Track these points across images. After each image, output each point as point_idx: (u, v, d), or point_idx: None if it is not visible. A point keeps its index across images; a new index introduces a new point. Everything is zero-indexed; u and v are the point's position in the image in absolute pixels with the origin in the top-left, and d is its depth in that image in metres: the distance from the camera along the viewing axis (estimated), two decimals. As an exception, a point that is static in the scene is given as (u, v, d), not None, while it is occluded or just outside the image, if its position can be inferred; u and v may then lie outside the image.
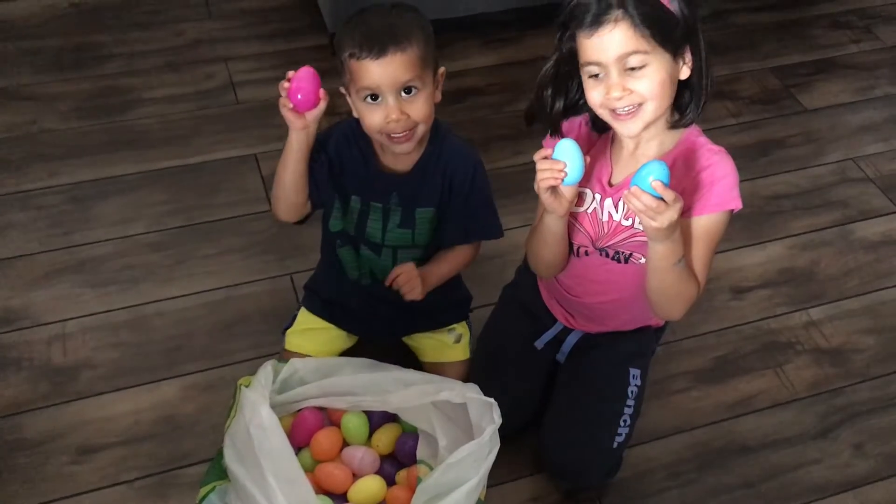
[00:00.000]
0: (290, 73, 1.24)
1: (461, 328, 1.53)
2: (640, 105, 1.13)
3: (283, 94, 1.24)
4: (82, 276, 1.74)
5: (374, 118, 1.25)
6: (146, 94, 2.18)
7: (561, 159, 1.14)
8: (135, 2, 2.49)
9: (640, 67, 1.12)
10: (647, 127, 1.17)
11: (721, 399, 1.60)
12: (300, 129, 1.26)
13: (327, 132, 1.34)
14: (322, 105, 1.24)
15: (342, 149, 1.35)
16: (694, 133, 1.22)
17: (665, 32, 1.11)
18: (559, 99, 1.22)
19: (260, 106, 2.14)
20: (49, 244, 1.79)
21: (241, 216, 1.87)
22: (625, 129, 1.17)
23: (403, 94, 1.24)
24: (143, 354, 1.61)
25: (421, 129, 1.28)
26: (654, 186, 1.07)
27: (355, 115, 1.30)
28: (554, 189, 1.17)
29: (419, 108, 1.25)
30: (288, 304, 1.65)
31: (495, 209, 1.41)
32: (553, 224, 1.24)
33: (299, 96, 1.23)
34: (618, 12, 1.10)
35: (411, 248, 1.39)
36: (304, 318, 1.52)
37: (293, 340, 1.50)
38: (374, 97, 1.24)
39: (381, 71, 1.21)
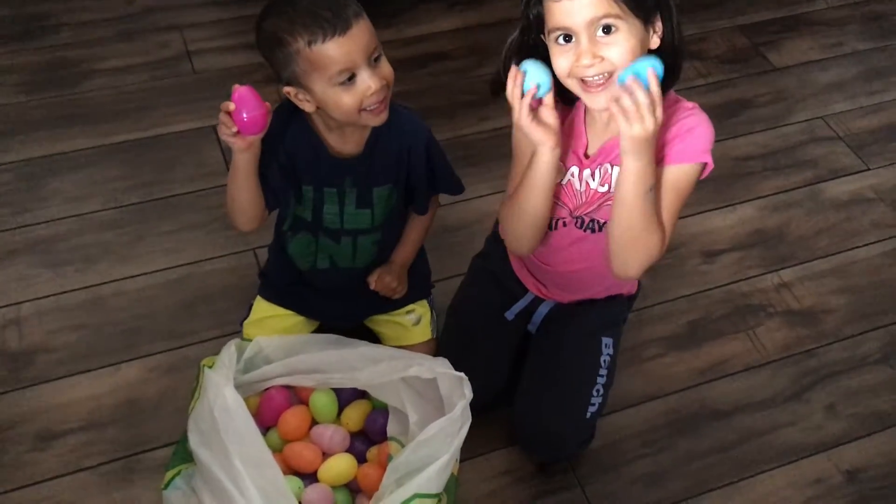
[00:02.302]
0: (229, 105, 1.14)
1: (420, 308, 1.49)
2: (610, 74, 1.09)
3: (226, 119, 1.14)
4: (36, 257, 1.68)
5: (351, 99, 1.16)
6: (98, 65, 2.11)
7: (529, 80, 1.12)
8: (83, -32, 2.40)
9: (611, 33, 1.07)
10: None
11: (693, 364, 1.59)
12: (245, 150, 1.18)
13: (271, 131, 1.21)
14: (268, 121, 1.17)
15: (292, 145, 1.27)
16: (671, 98, 1.18)
17: None
18: None
19: (217, 75, 2.07)
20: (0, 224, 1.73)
21: (201, 191, 1.82)
22: (594, 101, 1.12)
23: (374, 62, 1.18)
24: (102, 336, 1.56)
25: (389, 94, 1.22)
26: (650, 76, 1.04)
27: (309, 108, 1.20)
28: (536, 117, 1.13)
29: (389, 71, 1.20)
30: (252, 279, 1.60)
31: (452, 168, 1.38)
32: (543, 168, 1.16)
33: (245, 117, 1.13)
34: None
35: (370, 232, 1.35)
36: (261, 306, 1.47)
37: (251, 331, 1.45)
38: (351, 77, 1.16)
39: (352, 46, 1.13)
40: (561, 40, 1.10)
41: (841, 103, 2.13)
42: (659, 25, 1.12)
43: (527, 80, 1.12)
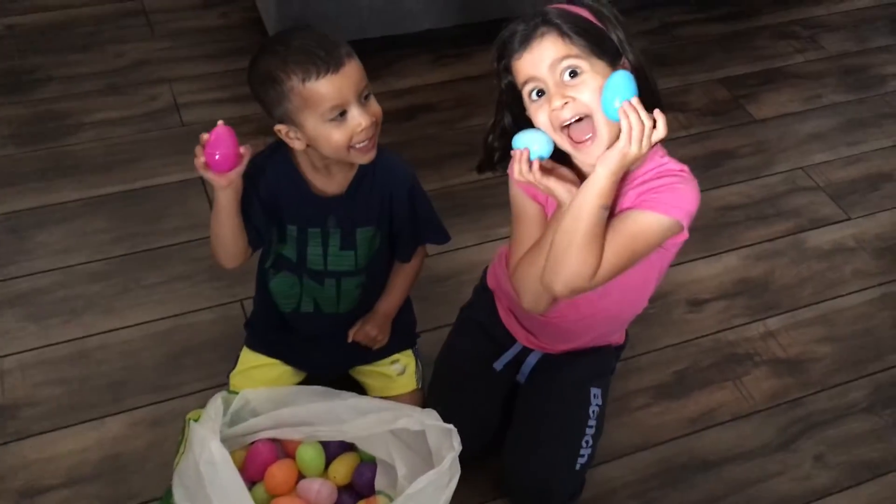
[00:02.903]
0: (204, 136, 1.18)
1: (405, 359, 1.49)
2: (588, 118, 1.11)
3: (199, 151, 1.18)
4: (21, 310, 1.66)
5: (342, 135, 1.18)
6: (86, 118, 2.12)
7: (523, 145, 1.14)
8: (72, 23, 2.43)
9: (576, 75, 1.09)
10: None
11: (682, 414, 1.58)
12: (225, 187, 1.20)
13: (255, 170, 1.25)
14: (245, 161, 1.19)
15: (274, 183, 1.29)
16: (658, 153, 1.19)
17: (595, 41, 1.10)
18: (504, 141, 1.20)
19: (206, 128, 2.01)
20: (-15, 277, 1.72)
21: (188, 242, 1.82)
22: (586, 156, 1.13)
23: (364, 100, 1.20)
24: (86, 390, 1.54)
25: (377, 132, 1.24)
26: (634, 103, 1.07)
27: (299, 146, 1.22)
28: (556, 176, 1.14)
29: (378, 109, 1.22)
30: (238, 331, 1.59)
31: (438, 216, 1.40)
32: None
33: (217, 157, 1.17)
34: (543, 27, 1.11)
35: (354, 275, 1.36)
36: (247, 357, 1.47)
37: (238, 382, 1.44)
38: (343, 113, 1.18)
39: (344, 83, 1.16)
40: (534, 96, 1.12)
41: (821, 154, 2.17)
42: (625, 61, 1.13)
43: (525, 146, 1.14)
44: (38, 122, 2.10)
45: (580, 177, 1.17)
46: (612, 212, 1.14)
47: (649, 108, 1.08)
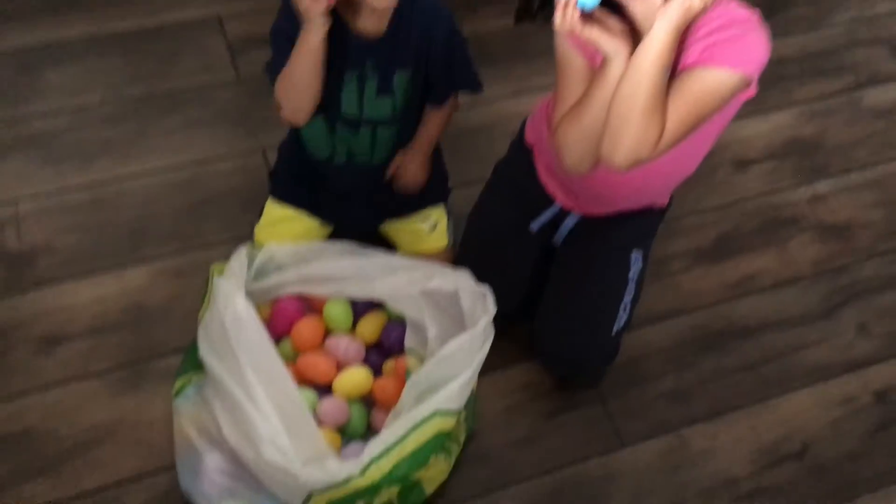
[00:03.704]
0: None
1: (437, 214, 1.42)
2: None
3: None
4: (35, 152, 1.59)
5: None
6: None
7: None
8: None
9: None
10: None
11: (722, 278, 1.52)
12: (322, 17, 1.11)
13: (295, 12, 1.16)
14: None
15: None
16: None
17: None
18: None
19: None
20: (-5, 117, 1.64)
21: (206, 85, 1.72)
22: (643, 5, 1.00)
23: None
24: (105, 238, 1.49)
25: None
26: None
27: None
28: (603, 27, 1.01)
29: None
30: (260, 181, 1.52)
31: (474, 63, 1.31)
32: (616, 80, 1.03)
33: None
34: None
35: (390, 124, 1.28)
36: (272, 209, 1.40)
37: (263, 235, 1.38)
38: None
39: None
40: None
41: (882, 3, 2.00)
42: None
43: None
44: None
45: (634, 32, 1.04)
46: (673, 70, 1.02)
47: None
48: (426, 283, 1.22)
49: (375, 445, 1.10)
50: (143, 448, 1.28)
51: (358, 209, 1.39)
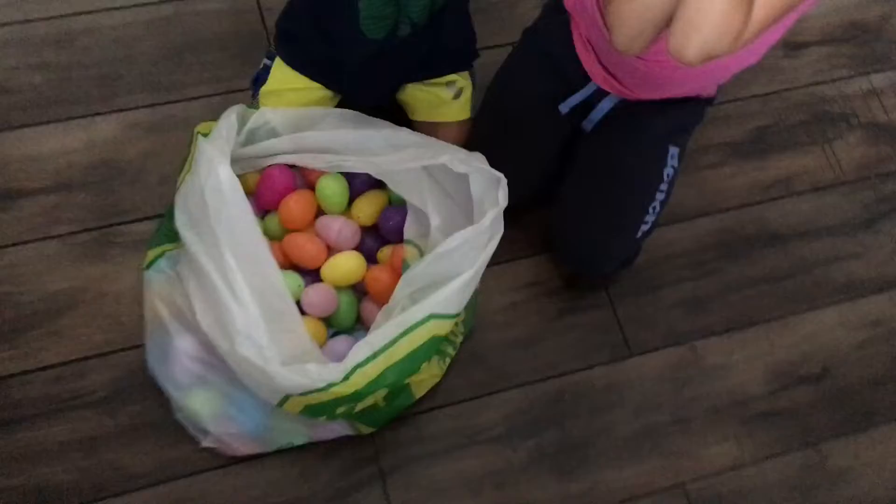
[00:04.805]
0: None
1: (462, 80, 1.22)
2: None
3: None
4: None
5: None
6: None
7: None
8: None
9: None
10: None
11: (756, 178, 1.38)
12: None
13: None
14: None
15: None
16: None
17: None
18: None
19: None
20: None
21: None
22: None
23: None
24: (72, 81, 1.31)
25: None
26: None
27: None
28: None
29: None
30: (252, 28, 1.34)
31: None
32: None
33: None
34: None
35: None
36: (282, 73, 1.19)
37: (269, 102, 1.18)
38: None
39: None
40: None
41: None
42: None
43: None
44: None
45: None
46: None
47: None
48: (434, 158, 1.07)
49: (361, 350, 0.98)
50: (109, 321, 1.16)
51: (378, 76, 1.19)
